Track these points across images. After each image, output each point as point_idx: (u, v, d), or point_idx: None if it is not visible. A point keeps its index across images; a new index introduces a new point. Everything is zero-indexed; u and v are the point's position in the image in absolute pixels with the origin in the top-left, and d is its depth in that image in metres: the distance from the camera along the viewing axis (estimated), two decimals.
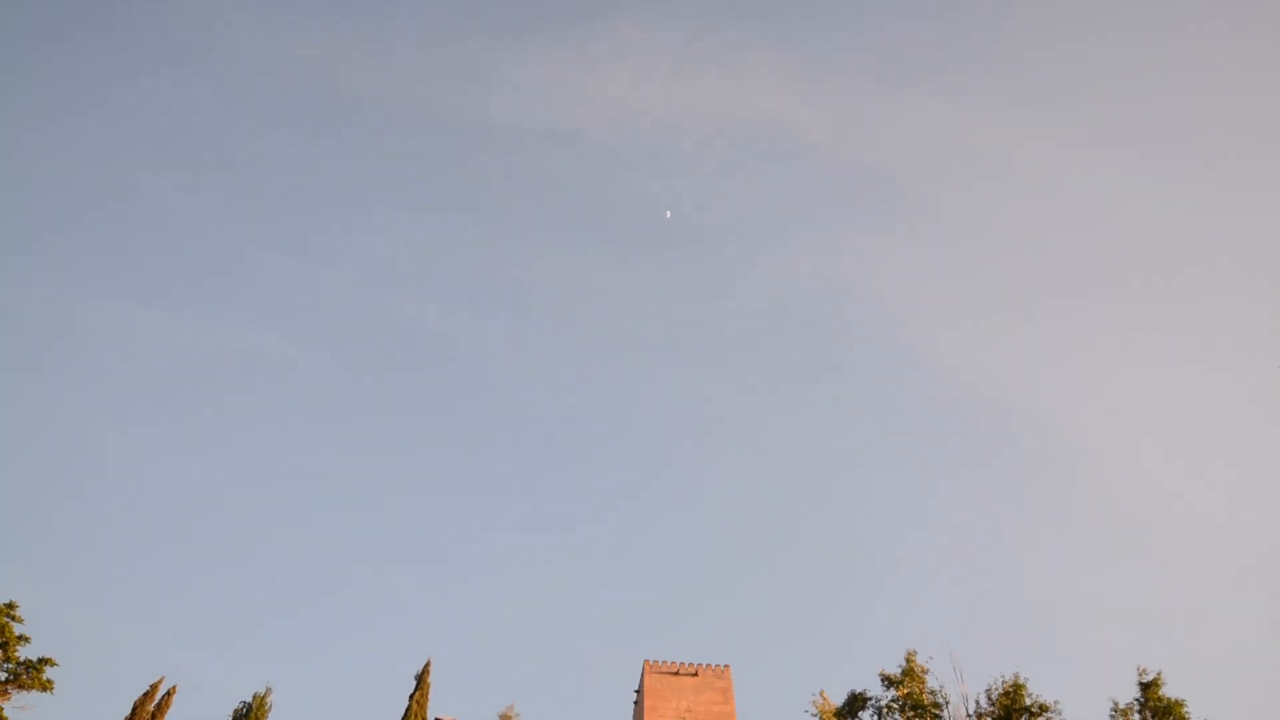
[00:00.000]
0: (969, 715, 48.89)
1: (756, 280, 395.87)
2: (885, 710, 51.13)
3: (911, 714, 49.74)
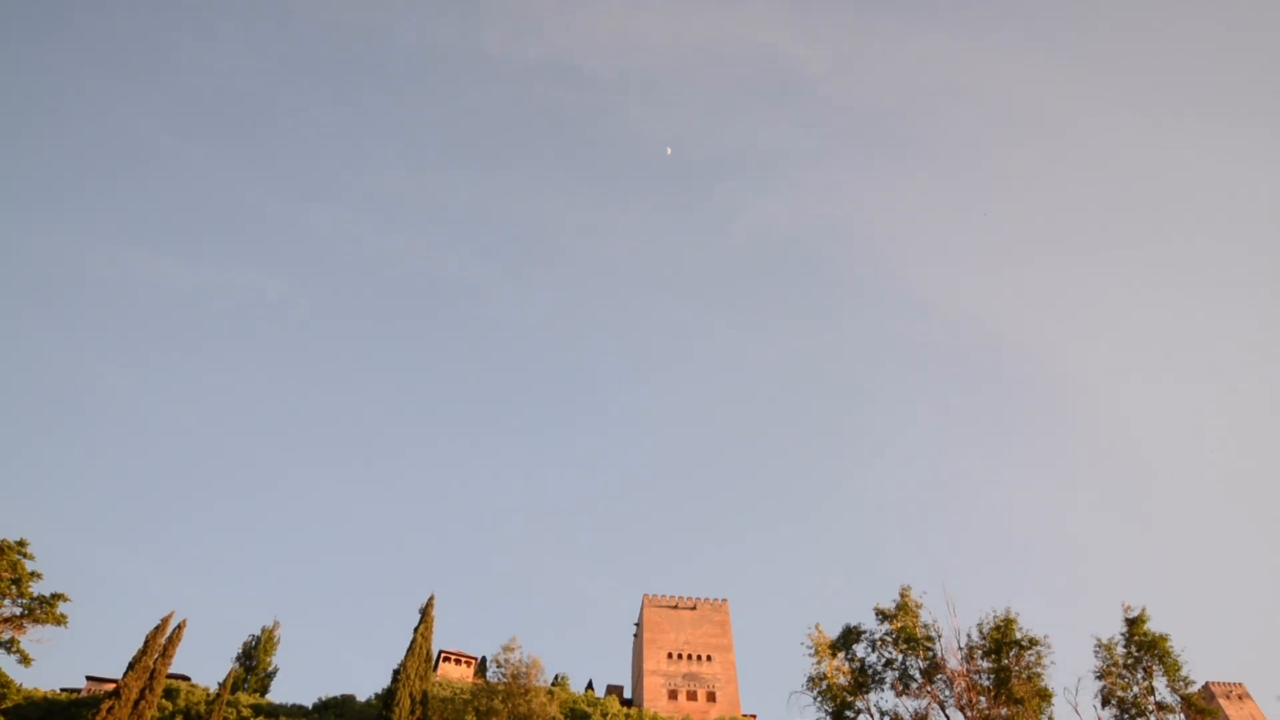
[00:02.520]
0: (960, 648, 50.17)
1: (754, 217, 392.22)
2: (879, 643, 52.42)
3: (905, 647, 51.02)
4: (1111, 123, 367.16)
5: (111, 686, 79.58)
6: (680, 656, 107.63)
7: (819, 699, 51.00)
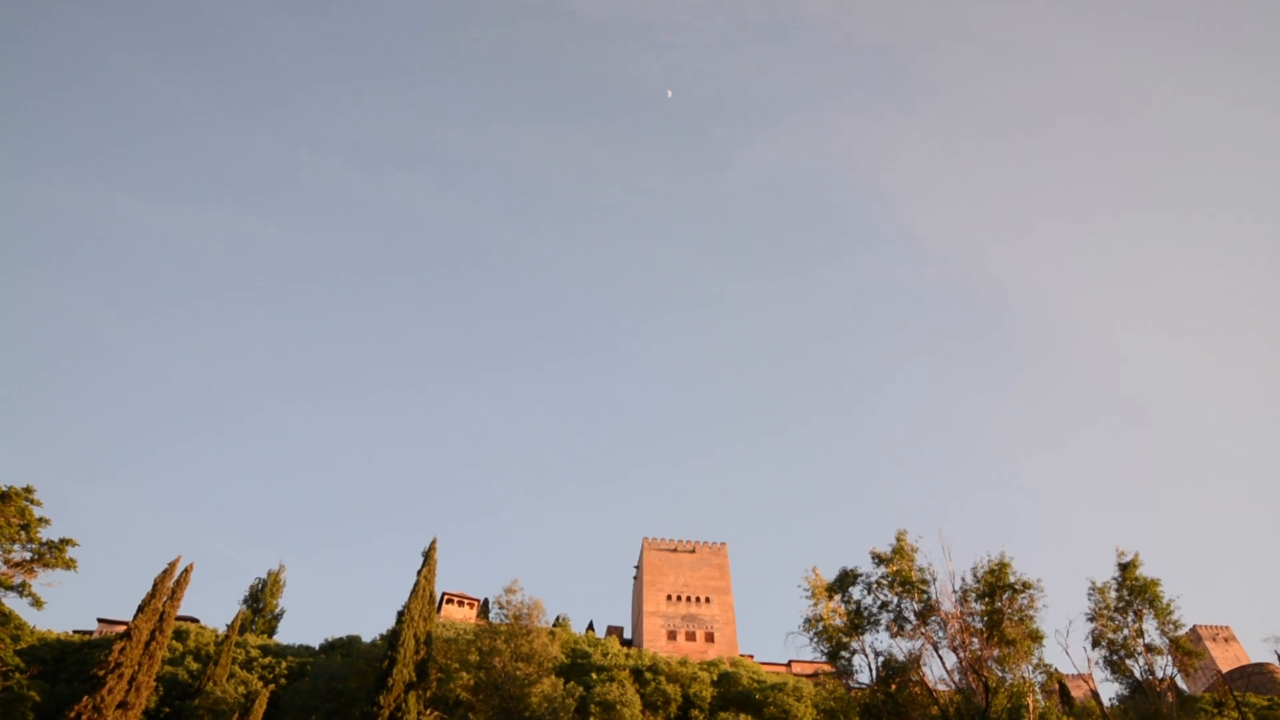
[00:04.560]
0: (955, 591, 50.95)
1: (753, 160, 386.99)
2: (875, 586, 53.17)
3: (900, 590, 51.80)
4: (1117, 64, 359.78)
5: (122, 628, 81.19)
6: (679, 598, 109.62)
7: (815, 640, 51.96)
